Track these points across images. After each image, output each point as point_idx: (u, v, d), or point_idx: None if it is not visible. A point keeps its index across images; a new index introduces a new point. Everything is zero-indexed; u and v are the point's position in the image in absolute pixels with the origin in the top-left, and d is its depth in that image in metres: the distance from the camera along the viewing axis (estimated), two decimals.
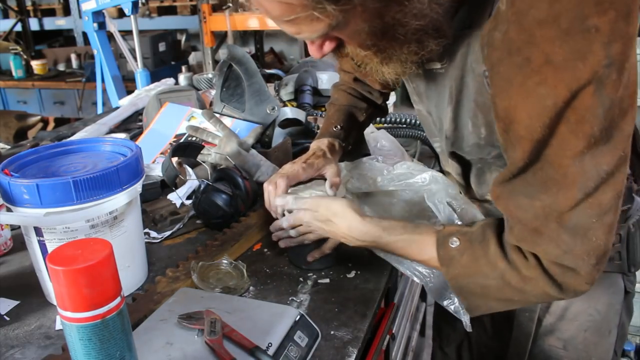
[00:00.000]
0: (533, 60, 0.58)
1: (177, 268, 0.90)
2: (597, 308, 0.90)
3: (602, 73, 0.57)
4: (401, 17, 0.63)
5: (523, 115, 0.61)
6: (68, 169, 0.85)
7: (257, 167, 1.22)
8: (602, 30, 0.55)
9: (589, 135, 0.59)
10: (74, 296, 0.52)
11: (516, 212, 0.68)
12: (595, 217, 0.63)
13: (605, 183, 0.61)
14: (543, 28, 0.57)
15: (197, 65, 4.06)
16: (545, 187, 0.63)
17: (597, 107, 0.58)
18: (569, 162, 0.61)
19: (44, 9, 5.02)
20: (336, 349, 0.75)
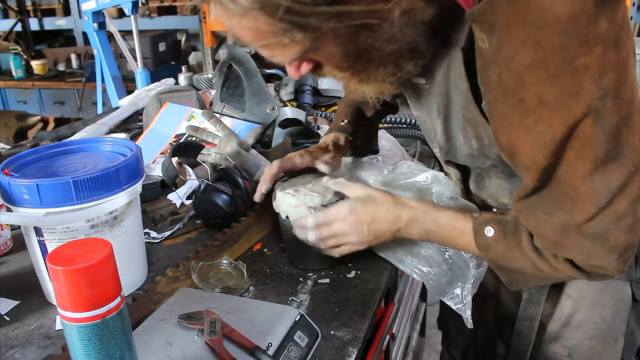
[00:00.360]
0: (527, 101, 0.60)
1: (177, 268, 0.90)
2: (603, 316, 0.89)
3: (597, 105, 0.58)
4: (373, 42, 0.64)
5: (525, 148, 0.64)
6: (68, 169, 0.85)
7: (257, 167, 1.22)
8: (590, 67, 0.57)
9: (594, 158, 0.61)
10: (74, 296, 0.52)
11: (536, 227, 0.71)
12: (612, 224, 0.65)
13: (619, 195, 0.63)
14: (531, 72, 0.58)
15: (197, 65, 4.06)
16: (561, 204, 0.66)
17: (598, 134, 0.60)
18: (580, 182, 0.63)
19: (44, 9, 5.02)
20: (336, 349, 0.75)
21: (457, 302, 0.90)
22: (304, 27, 0.59)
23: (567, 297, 0.89)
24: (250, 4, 0.57)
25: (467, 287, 0.90)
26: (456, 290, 0.90)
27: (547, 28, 0.56)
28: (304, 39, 0.61)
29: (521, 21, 0.57)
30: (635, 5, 2.76)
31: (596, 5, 0.55)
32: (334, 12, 0.58)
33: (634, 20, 2.85)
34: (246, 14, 0.59)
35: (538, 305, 0.89)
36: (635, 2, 2.74)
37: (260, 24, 0.60)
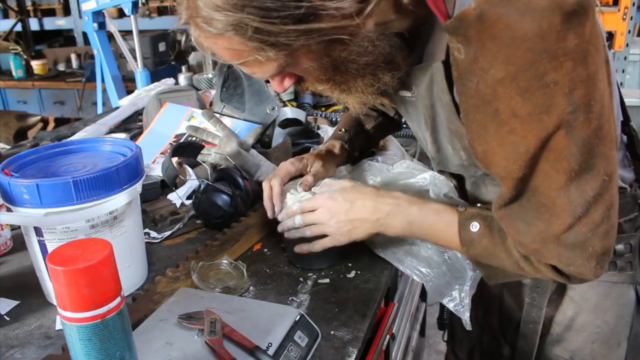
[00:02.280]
0: (501, 112, 0.61)
1: (177, 268, 0.90)
2: (606, 320, 0.88)
3: (569, 118, 0.59)
4: (347, 55, 0.66)
5: (500, 158, 0.65)
6: (68, 169, 0.85)
7: (257, 167, 1.22)
8: (561, 82, 0.58)
9: (568, 170, 0.62)
10: (74, 296, 0.52)
11: (516, 235, 0.71)
12: (590, 232, 0.66)
13: (594, 204, 0.64)
14: (503, 86, 0.60)
15: (197, 65, 4.06)
16: (539, 213, 0.66)
17: (570, 146, 0.61)
18: (555, 193, 0.64)
19: (44, 9, 5.03)
20: (336, 349, 0.75)
21: (456, 304, 0.90)
22: (275, 45, 0.62)
23: (570, 300, 0.88)
24: (223, 26, 0.60)
25: (465, 289, 0.90)
26: (454, 293, 0.90)
27: (516, 45, 0.57)
28: (277, 56, 0.63)
29: (491, 37, 0.58)
30: (635, 5, 2.76)
31: (563, 21, 0.56)
32: (302, 30, 0.60)
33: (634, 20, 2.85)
34: (221, 35, 0.62)
35: (540, 309, 0.89)
36: (635, 2, 2.74)
37: (234, 44, 0.63)
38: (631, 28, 2.81)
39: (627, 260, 0.83)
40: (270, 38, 0.61)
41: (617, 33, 2.80)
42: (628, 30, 2.79)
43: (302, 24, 0.60)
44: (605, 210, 0.65)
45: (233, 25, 0.60)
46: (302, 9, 0.59)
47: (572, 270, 0.69)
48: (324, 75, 0.70)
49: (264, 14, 0.58)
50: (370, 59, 0.67)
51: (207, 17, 0.61)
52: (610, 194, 0.65)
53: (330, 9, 0.60)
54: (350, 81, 0.71)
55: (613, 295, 0.87)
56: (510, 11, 0.56)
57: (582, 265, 0.68)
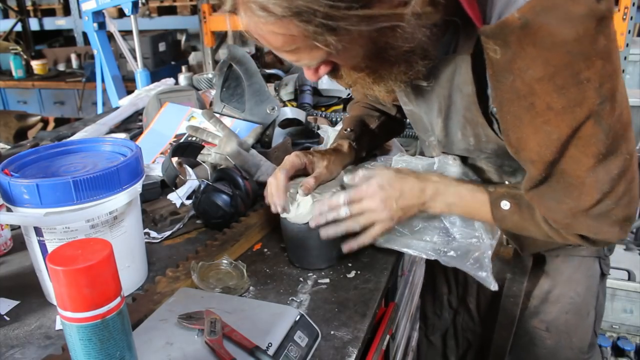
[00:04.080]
0: (537, 106, 0.68)
1: (177, 268, 0.90)
2: (577, 291, 0.98)
3: (597, 109, 0.66)
4: (393, 41, 0.68)
5: (533, 144, 0.71)
6: (68, 169, 0.85)
7: (257, 167, 1.22)
8: (592, 79, 0.65)
9: (597, 153, 0.69)
10: (74, 296, 0.52)
11: (548, 213, 0.78)
12: (614, 204, 0.73)
13: (618, 180, 0.71)
14: (541, 84, 0.66)
15: (197, 65, 4.06)
16: (568, 192, 0.73)
17: (599, 133, 0.68)
18: (585, 174, 0.70)
19: (44, 9, 5.03)
20: (336, 349, 0.75)
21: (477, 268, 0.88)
22: (336, 30, 0.62)
23: (546, 275, 0.98)
24: (283, 11, 0.60)
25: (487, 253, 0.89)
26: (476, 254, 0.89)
27: (555, 49, 0.64)
28: (334, 42, 0.63)
29: (532, 42, 0.64)
30: (635, 5, 2.76)
31: (596, 26, 0.63)
32: (363, 16, 0.61)
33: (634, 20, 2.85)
34: (278, 20, 0.61)
35: (521, 283, 0.97)
36: (635, 2, 2.74)
37: (292, 29, 0.62)
38: (631, 28, 2.81)
39: None
40: (334, 23, 0.60)
41: (617, 33, 2.80)
42: (628, 30, 2.79)
43: (365, 9, 0.61)
44: (628, 184, 0.72)
45: (297, 10, 0.59)
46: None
47: (599, 237, 0.77)
48: (364, 63, 0.71)
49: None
50: (412, 45, 0.70)
51: (264, 2, 0.60)
52: (632, 170, 0.72)
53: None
54: (386, 68, 0.74)
55: (582, 268, 0.97)
56: (551, 19, 0.62)
57: (608, 232, 0.76)
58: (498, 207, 0.84)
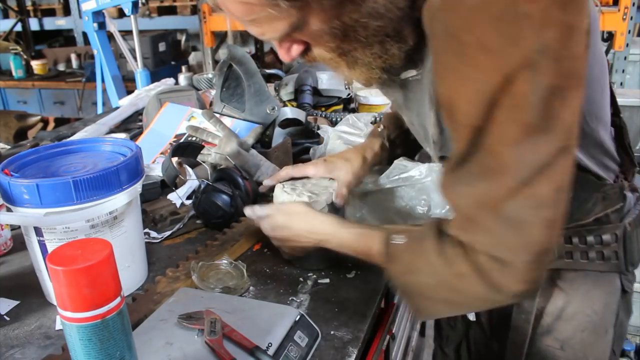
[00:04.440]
0: (468, 45, 0.59)
1: (177, 268, 0.90)
2: (594, 308, 0.89)
3: (534, 59, 0.57)
4: (358, 17, 0.65)
5: (461, 101, 0.62)
6: (68, 169, 0.85)
7: (257, 167, 1.22)
8: (533, 15, 0.56)
9: (525, 122, 0.59)
10: (74, 296, 0.52)
11: (455, 199, 0.68)
12: (531, 210, 0.61)
13: (542, 174, 0.60)
14: (476, 14, 0.58)
15: (197, 65, 4.07)
16: (484, 176, 0.63)
17: (531, 94, 0.58)
18: (505, 149, 0.60)
19: (44, 9, 5.02)
20: (336, 349, 0.75)
21: None
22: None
23: (560, 290, 0.90)
24: None
25: None
26: None
27: None
28: (290, 11, 0.63)
29: None
30: (635, 5, 2.76)
31: None
32: None
33: (634, 20, 2.85)
34: None
35: (533, 300, 0.89)
36: (635, 2, 2.74)
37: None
38: (631, 28, 2.80)
39: (613, 250, 0.84)
40: None
41: (617, 33, 2.80)
42: (628, 30, 2.79)
43: None
44: (554, 190, 0.61)
45: None
46: None
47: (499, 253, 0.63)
48: (333, 42, 0.69)
49: None
50: (381, 24, 0.67)
51: None
52: (561, 172, 0.61)
53: None
54: (358, 50, 0.70)
55: (601, 284, 0.88)
56: None
57: (514, 251, 0.62)
58: (390, 243, 0.75)
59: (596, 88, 0.76)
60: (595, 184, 0.80)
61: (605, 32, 3.17)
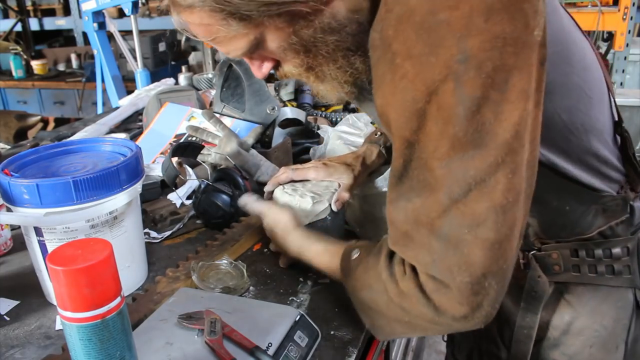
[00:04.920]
0: (398, 54, 0.58)
1: (177, 268, 0.90)
2: (604, 323, 0.85)
3: (457, 69, 0.55)
4: (313, 33, 0.66)
5: (392, 111, 0.61)
6: (68, 169, 0.85)
7: (257, 167, 1.22)
8: (453, 24, 0.55)
9: (453, 136, 0.57)
10: (74, 296, 0.52)
11: (393, 213, 0.66)
12: (466, 228, 0.59)
13: (476, 190, 0.58)
14: (402, 23, 0.57)
15: (197, 65, 4.07)
16: (420, 191, 0.61)
17: (457, 106, 0.56)
18: (437, 164, 0.58)
19: (44, 9, 5.02)
20: (336, 349, 0.75)
21: None
22: (237, 16, 0.63)
23: (567, 304, 0.86)
24: (192, 1, 0.63)
25: None
26: None
27: None
28: (243, 29, 0.65)
29: None
30: (635, 5, 2.76)
31: None
32: (262, 1, 0.62)
33: (634, 20, 2.85)
34: (191, 8, 0.65)
35: (535, 314, 0.86)
36: (635, 2, 2.74)
37: (204, 18, 0.65)
38: (631, 28, 2.81)
39: (625, 264, 0.81)
40: (232, 8, 0.62)
41: (617, 33, 2.81)
42: (628, 30, 2.79)
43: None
44: (491, 209, 0.58)
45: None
46: None
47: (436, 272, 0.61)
48: (297, 58, 0.70)
49: None
50: (337, 38, 0.67)
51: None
52: (499, 190, 0.57)
53: None
54: (323, 65, 0.71)
55: (611, 298, 0.85)
56: None
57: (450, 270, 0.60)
58: (347, 258, 0.76)
59: (578, 97, 0.73)
60: (592, 196, 0.77)
61: (605, 32, 3.18)
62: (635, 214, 0.80)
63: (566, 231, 0.79)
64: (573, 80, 0.72)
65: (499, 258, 0.59)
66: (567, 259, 0.80)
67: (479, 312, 0.61)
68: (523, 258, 0.83)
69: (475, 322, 0.62)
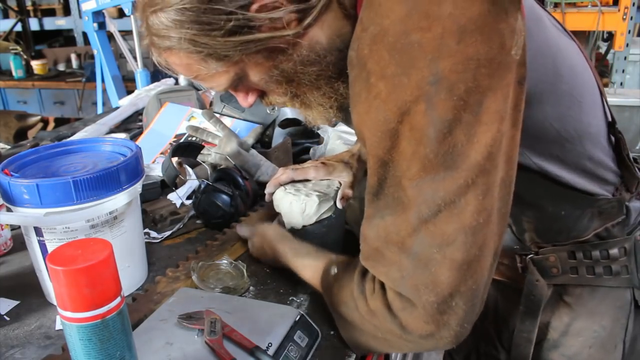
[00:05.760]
0: (373, 73, 0.58)
1: (177, 268, 0.90)
2: (602, 324, 0.86)
3: (428, 90, 0.55)
4: (293, 66, 0.67)
5: (366, 130, 0.61)
6: (68, 169, 0.85)
7: (257, 167, 1.22)
8: (424, 46, 0.55)
9: (423, 157, 0.57)
10: (74, 296, 0.52)
11: (366, 230, 0.66)
12: (436, 248, 0.58)
13: (446, 211, 0.58)
14: (377, 43, 0.57)
15: None
16: (393, 209, 0.61)
17: (428, 127, 0.56)
18: (409, 183, 0.59)
19: (44, 9, 5.02)
20: (336, 349, 0.75)
21: None
22: (215, 56, 0.65)
23: (565, 305, 0.87)
24: (170, 43, 0.65)
25: None
26: None
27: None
28: (222, 67, 0.66)
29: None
30: (635, 5, 2.76)
31: None
32: (237, 41, 0.63)
33: (634, 20, 2.85)
34: (170, 50, 0.66)
35: (535, 318, 0.87)
36: (635, 2, 2.74)
37: (183, 58, 0.67)
38: (631, 28, 2.81)
39: (623, 264, 0.81)
40: (209, 50, 0.64)
41: (617, 33, 2.81)
42: (628, 30, 2.79)
43: (236, 36, 0.63)
44: (461, 230, 0.57)
45: (177, 40, 0.64)
46: (232, 21, 0.62)
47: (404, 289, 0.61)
48: (280, 88, 0.71)
49: (199, 27, 0.62)
50: (317, 68, 0.68)
51: (158, 35, 0.66)
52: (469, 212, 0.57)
53: (263, 19, 0.62)
54: (307, 94, 0.72)
55: (609, 299, 0.85)
56: None
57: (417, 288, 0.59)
58: (327, 274, 0.76)
59: (569, 104, 0.73)
60: (587, 200, 0.77)
61: (605, 32, 3.18)
62: (631, 215, 0.80)
63: (562, 235, 0.79)
64: (562, 89, 0.72)
65: (468, 278, 0.59)
66: (565, 261, 0.80)
67: (446, 332, 0.61)
68: (521, 262, 0.83)
69: (445, 342, 0.62)
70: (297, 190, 0.94)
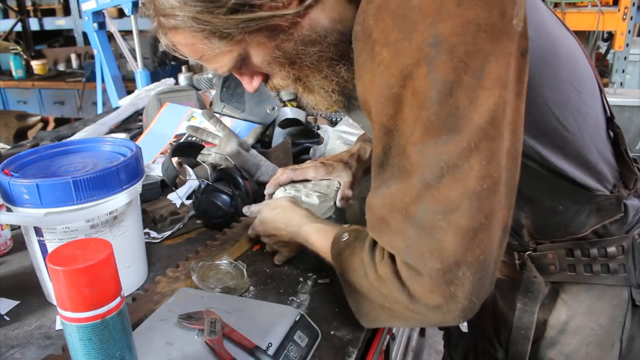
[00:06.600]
0: (377, 42, 0.59)
1: (177, 268, 0.90)
2: (600, 322, 0.86)
3: (429, 52, 0.55)
4: (294, 45, 0.68)
5: (371, 98, 0.62)
6: (68, 169, 0.85)
7: (257, 167, 1.22)
8: (425, 9, 0.56)
9: (426, 120, 0.57)
10: (74, 296, 0.52)
11: (371, 199, 0.66)
12: (440, 215, 0.58)
13: (449, 176, 0.57)
14: (381, 11, 0.59)
15: (197, 65, 4.05)
16: (398, 177, 0.61)
17: (429, 90, 0.56)
18: (412, 149, 0.58)
19: (44, 9, 5.02)
20: (336, 349, 0.75)
21: None
22: (218, 34, 0.66)
23: (563, 303, 0.87)
24: (176, 22, 0.66)
25: None
26: None
27: None
28: (227, 47, 0.67)
29: None
30: (635, 5, 2.76)
31: None
32: (239, 19, 0.64)
33: (634, 20, 2.85)
34: (175, 29, 0.68)
35: (532, 315, 0.87)
36: (635, 2, 2.74)
37: (188, 38, 0.68)
38: (631, 28, 2.81)
39: (620, 263, 0.81)
40: (212, 27, 0.65)
41: (617, 33, 2.81)
42: (628, 30, 2.79)
43: (238, 14, 0.64)
44: (465, 195, 0.57)
45: (182, 19, 0.65)
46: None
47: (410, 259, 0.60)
48: (283, 71, 0.72)
49: (203, 5, 0.63)
50: (318, 49, 0.69)
51: (165, 14, 0.67)
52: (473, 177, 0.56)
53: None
54: (309, 76, 0.73)
55: (607, 297, 0.85)
56: None
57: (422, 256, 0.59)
58: (338, 240, 0.76)
59: (568, 92, 0.73)
60: (585, 196, 0.77)
61: (605, 32, 3.17)
62: (629, 213, 0.80)
63: (560, 231, 0.79)
64: (561, 75, 0.72)
65: (475, 248, 0.58)
66: (563, 258, 0.80)
67: (453, 304, 0.60)
68: (519, 259, 0.83)
69: (452, 316, 0.61)
70: (296, 191, 0.94)
